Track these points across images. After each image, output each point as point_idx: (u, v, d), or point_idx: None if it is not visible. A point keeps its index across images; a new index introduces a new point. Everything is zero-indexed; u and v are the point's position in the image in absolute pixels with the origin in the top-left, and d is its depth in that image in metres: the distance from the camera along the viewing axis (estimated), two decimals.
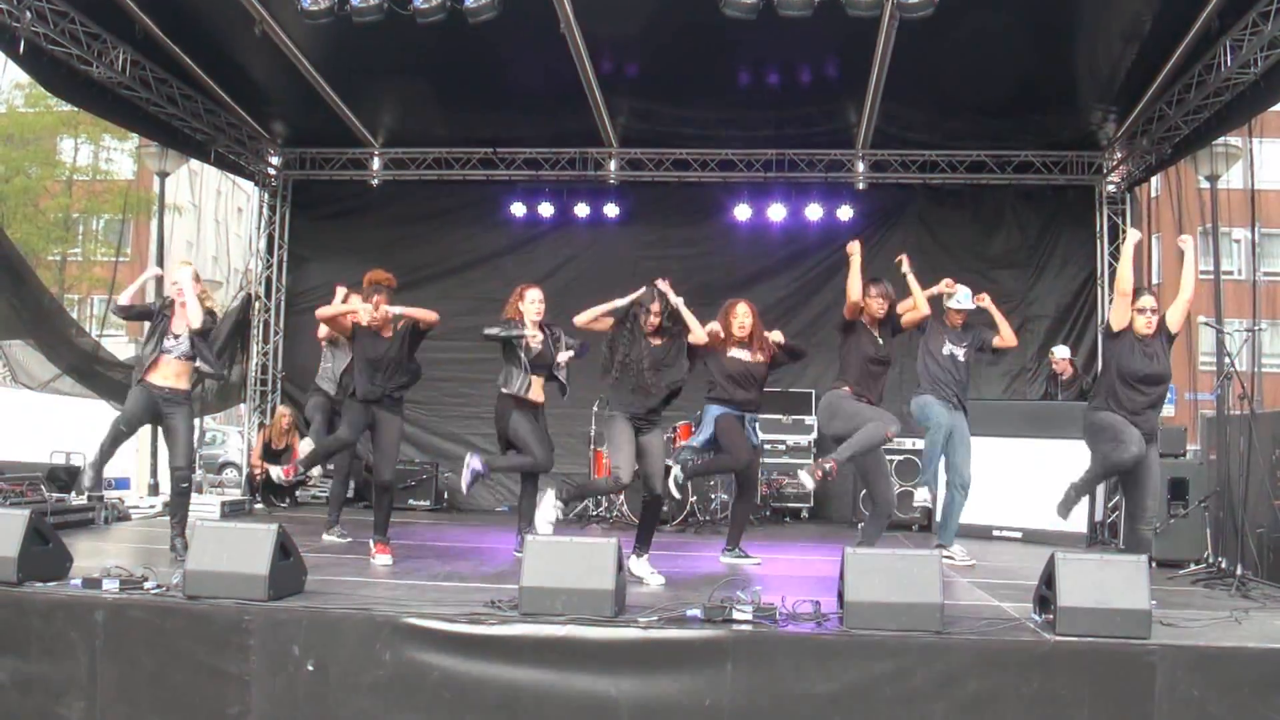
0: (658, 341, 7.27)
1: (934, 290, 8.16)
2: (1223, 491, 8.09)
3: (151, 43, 10.24)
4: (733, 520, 8.25)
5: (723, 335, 7.56)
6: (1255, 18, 8.53)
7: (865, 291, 7.57)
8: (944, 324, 8.44)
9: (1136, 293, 6.92)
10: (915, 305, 7.86)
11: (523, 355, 7.87)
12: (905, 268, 7.89)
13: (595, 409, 10.85)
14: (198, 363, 7.56)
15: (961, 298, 8.44)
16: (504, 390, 7.91)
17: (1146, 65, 10.10)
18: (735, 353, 7.54)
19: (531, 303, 7.94)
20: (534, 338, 7.83)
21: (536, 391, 7.98)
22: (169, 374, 7.41)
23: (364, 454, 9.85)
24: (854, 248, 7.60)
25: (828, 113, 11.84)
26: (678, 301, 7.28)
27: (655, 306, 7.24)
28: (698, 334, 7.33)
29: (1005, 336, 8.46)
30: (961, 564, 8.11)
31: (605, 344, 7.37)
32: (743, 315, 7.57)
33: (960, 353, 8.40)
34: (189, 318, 7.34)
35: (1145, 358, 6.83)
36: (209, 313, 7.57)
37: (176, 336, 7.40)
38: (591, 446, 11.42)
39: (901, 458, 11.28)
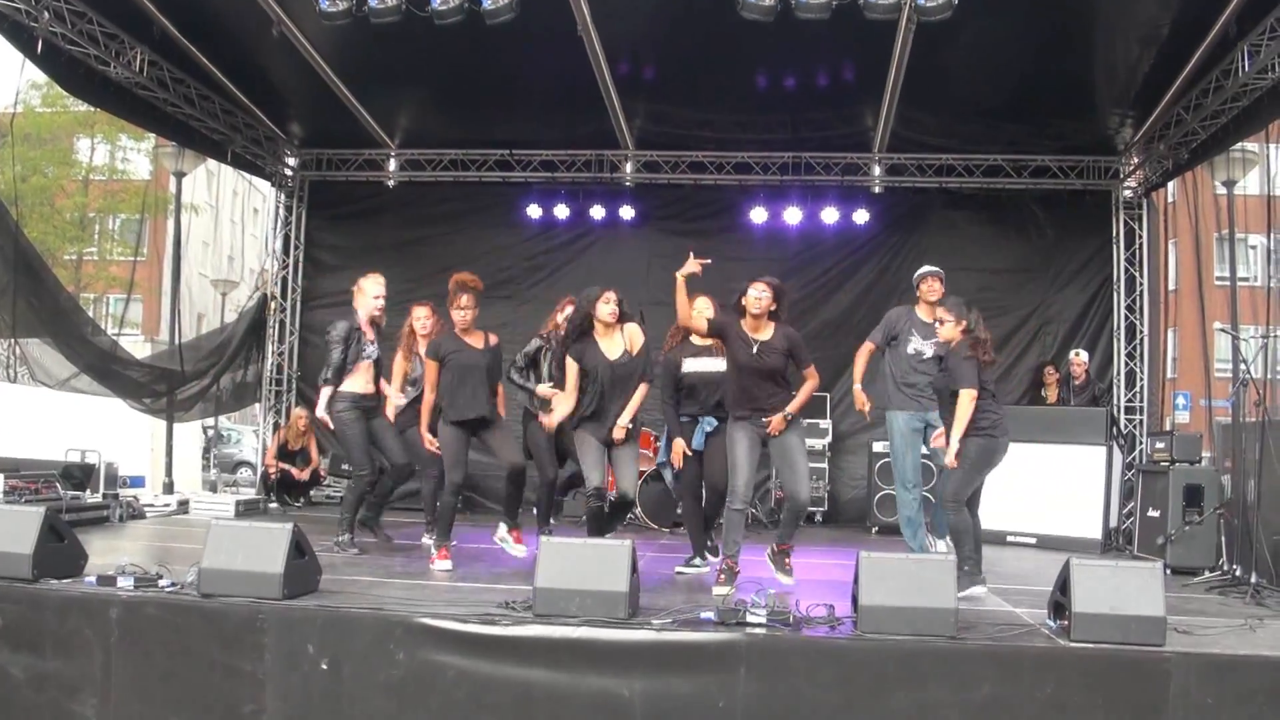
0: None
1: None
2: (1237, 499, 8.05)
3: (169, 43, 10.26)
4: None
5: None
6: (1273, 22, 8.49)
7: None
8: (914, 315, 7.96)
9: None
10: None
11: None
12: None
13: None
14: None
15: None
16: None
17: (1163, 70, 10.06)
18: None
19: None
20: None
21: None
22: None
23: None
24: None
25: (844, 116, 11.82)
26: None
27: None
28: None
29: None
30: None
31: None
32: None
33: (928, 349, 7.69)
34: None
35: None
36: None
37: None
38: None
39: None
